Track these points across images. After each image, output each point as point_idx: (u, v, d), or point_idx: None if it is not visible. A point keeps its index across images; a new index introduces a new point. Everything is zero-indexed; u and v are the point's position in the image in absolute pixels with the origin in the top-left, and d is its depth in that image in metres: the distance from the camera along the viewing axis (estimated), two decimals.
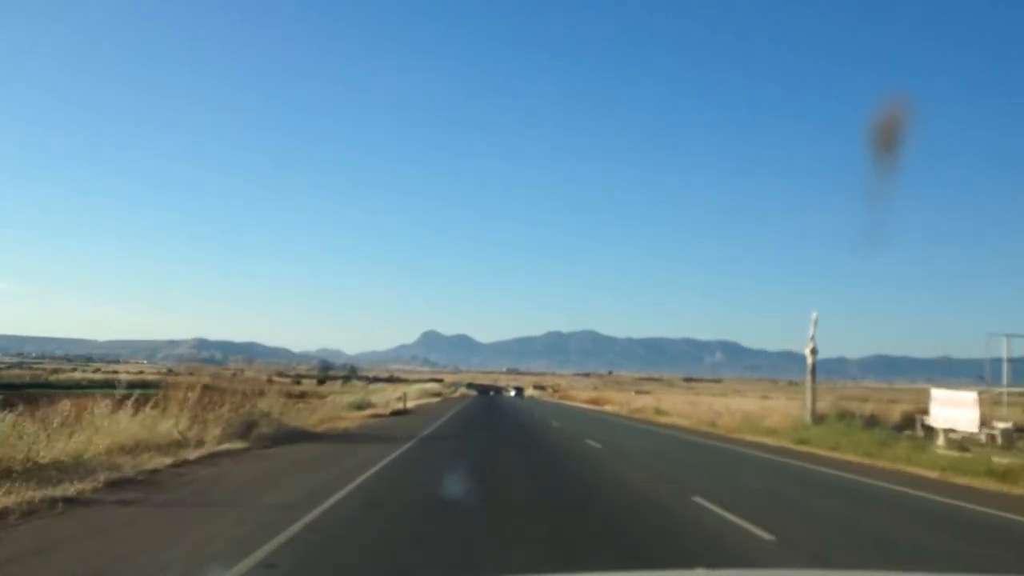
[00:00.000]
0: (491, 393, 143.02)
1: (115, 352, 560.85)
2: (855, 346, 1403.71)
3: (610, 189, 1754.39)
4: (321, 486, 11.53)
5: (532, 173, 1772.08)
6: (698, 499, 11.59)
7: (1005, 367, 22.52)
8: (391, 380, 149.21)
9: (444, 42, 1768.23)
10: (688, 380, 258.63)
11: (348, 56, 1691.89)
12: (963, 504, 12.84)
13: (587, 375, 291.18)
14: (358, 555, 7.41)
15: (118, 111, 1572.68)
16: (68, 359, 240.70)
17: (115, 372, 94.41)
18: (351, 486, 11.65)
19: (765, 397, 64.32)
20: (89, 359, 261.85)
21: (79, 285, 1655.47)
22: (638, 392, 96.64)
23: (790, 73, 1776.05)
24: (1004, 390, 23.08)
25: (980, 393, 22.53)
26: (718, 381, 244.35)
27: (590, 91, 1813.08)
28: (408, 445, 19.39)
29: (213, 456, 15.02)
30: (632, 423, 40.75)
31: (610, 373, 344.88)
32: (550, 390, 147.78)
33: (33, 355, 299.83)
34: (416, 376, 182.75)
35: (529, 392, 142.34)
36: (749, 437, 28.98)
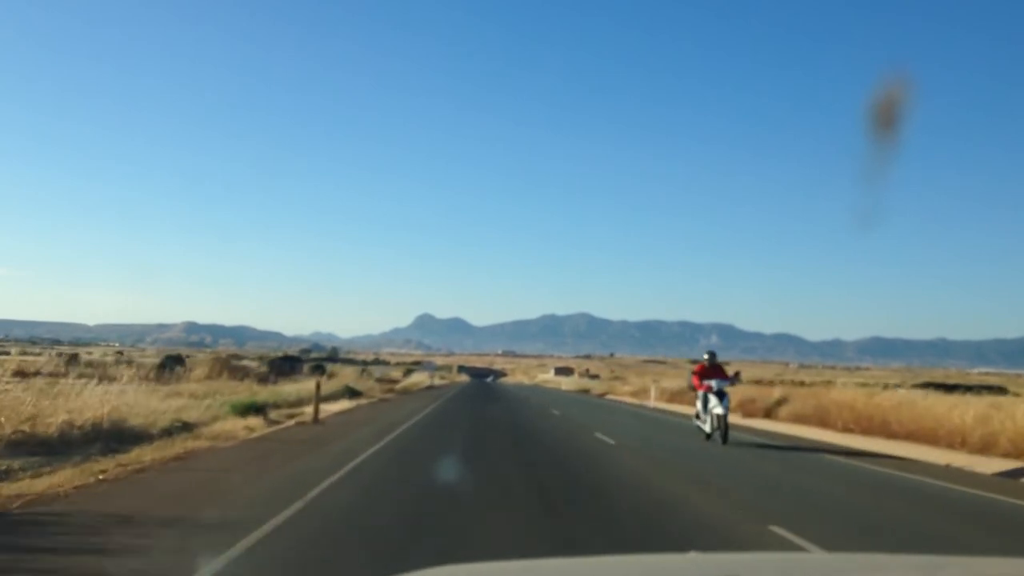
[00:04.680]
0: (488, 379, 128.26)
1: (104, 336, 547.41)
2: (851, 328, 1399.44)
3: (605, 172, 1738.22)
4: None
5: (527, 156, 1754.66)
6: None
7: None
8: (376, 363, 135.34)
9: (440, 22, 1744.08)
10: (695, 363, 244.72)
11: (342, 38, 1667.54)
12: None
13: (588, 357, 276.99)
14: None
15: (110, 95, 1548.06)
16: (33, 342, 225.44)
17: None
18: None
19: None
20: (57, 342, 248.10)
21: (69, 269, 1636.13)
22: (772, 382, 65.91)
23: (786, 54, 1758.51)
24: None
25: None
26: (726, 364, 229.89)
27: (586, 75, 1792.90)
28: None
29: None
30: None
31: (611, 355, 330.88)
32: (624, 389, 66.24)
33: (1, 337, 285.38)
34: (400, 359, 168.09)
35: (545, 380, 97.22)
36: None
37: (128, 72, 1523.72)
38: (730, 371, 19.06)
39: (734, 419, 30.82)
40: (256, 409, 17.41)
